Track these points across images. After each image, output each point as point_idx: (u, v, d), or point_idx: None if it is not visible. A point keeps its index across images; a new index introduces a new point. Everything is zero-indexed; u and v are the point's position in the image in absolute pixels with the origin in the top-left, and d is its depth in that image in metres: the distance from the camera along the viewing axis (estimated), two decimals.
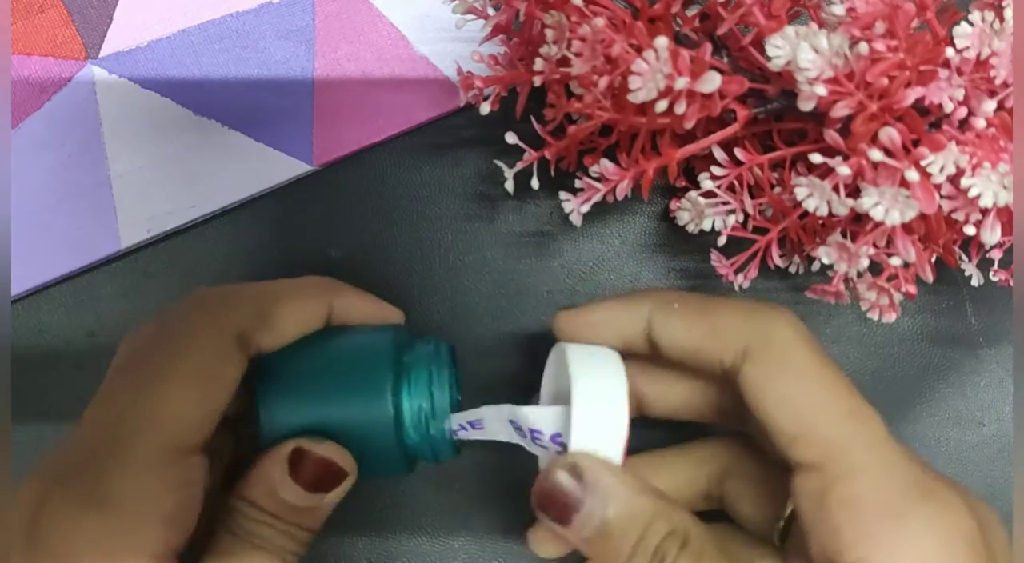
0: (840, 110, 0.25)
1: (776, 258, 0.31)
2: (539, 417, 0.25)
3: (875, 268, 0.28)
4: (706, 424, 0.29)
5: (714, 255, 0.32)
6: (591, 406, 0.24)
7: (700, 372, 0.26)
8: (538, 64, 0.28)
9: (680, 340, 0.25)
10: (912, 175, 0.24)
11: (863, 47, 0.24)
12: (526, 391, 0.31)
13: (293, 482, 0.24)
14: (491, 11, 0.30)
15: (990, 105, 0.25)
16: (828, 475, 0.22)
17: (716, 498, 0.29)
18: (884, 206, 0.25)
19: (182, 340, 0.24)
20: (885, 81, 0.25)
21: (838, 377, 0.23)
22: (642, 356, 0.27)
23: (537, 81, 0.29)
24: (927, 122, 0.26)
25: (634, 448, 0.26)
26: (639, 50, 0.26)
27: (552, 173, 0.32)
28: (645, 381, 0.28)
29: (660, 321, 0.26)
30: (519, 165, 0.31)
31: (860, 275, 0.28)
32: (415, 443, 0.26)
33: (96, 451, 0.22)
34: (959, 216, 0.26)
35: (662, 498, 0.24)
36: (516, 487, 0.30)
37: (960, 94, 0.26)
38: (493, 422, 0.26)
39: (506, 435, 0.26)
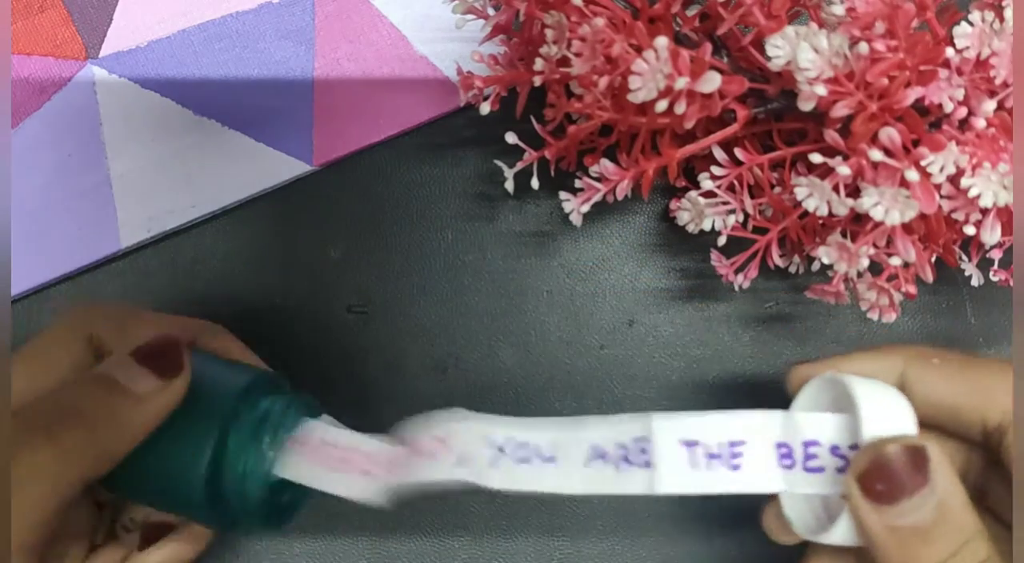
0: (840, 110, 0.25)
1: (776, 258, 0.31)
2: (817, 424, 0.23)
3: (875, 268, 0.28)
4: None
5: (714, 255, 0.32)
6: (880, 408, 0.23)
7: (952, 434, 0.25)
8: (538, 64, 0.28)
9: (939, 396, 0.24)
10: (912, 175, 0.24)
11: (863, 47, 0.24)
12: (526, 390, 0.31)
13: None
14: (491, 11, 0.30)
15: (990, 105, 0.25)
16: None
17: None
18: (884, 206, 0.25)
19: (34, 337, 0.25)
20: (885, 81, 0.25)
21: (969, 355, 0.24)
22: None
23: (537, 81, 0.29)
24: (927, 122, 0.26)
25: None
26: (639, 50, 0.26)
27: (552, 173, 0.32)
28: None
29: (916, 376, 0.24)
30: (519, 165, 0.31)
31: (860, 275, 0.28)
32: (221, 502, 0.24)
33: None
34: (959, 216, 0.26)
35: (978, 518, 0.22)
36: None
37: (960, 94, 0.26)
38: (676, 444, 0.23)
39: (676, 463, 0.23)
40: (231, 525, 0.25)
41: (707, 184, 0.30)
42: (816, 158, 0.26)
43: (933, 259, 0.29)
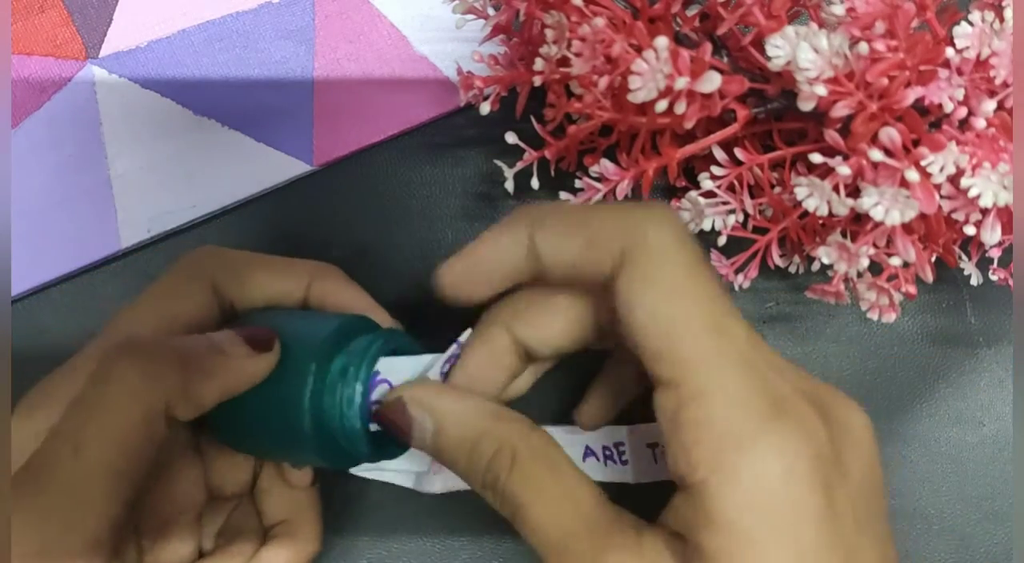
0: (840, 110, 0.25)
1: (776, 258, 0.31)
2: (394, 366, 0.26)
3: (875, 268, 0.28)
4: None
5: (714, 255, 0.32)
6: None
7: (581, 294, 0.25)
8: (538, 64, 0.28)
9: (560, 254, 0.24)
10: (912, 175, 0.24)
11: (863, 47, 0.24)
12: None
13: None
14: (491, 11, 0.30)
15: (990, 105, 0.25)
16: (682, 394, 0.21)
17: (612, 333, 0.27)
18: (884, 206, 0.25)
19: (155, 282, 0.27)
20: (885, 81, 0.25)
21: (708, 285, 0.22)
22: (527, 291, 0.26)
23: (537, 81, 0.29)
24: (927, 122, 0.26)
25: None
26: (639, 50, 0.26)
27: (552, 173, 0.32)
28: (521, 326, 0.26)
29: (540, 239, 0.24)
30: (519, 165, 0.31)
31: (860, 275, 0.28)
32: (327, 437, 0.26)
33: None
34: (959, 216, 0.26)
35: (492, 415, 0.24)
36: None
37: (960, 94, 0.26)
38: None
39: None
40: (339, 458, 0.27)
41: (707, 184, 0.30)
42: (816, 158, 0.26)
43: (933, 259, 0.29)
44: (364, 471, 0.29)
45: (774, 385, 0.22)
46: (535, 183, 0.31)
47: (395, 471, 0.29)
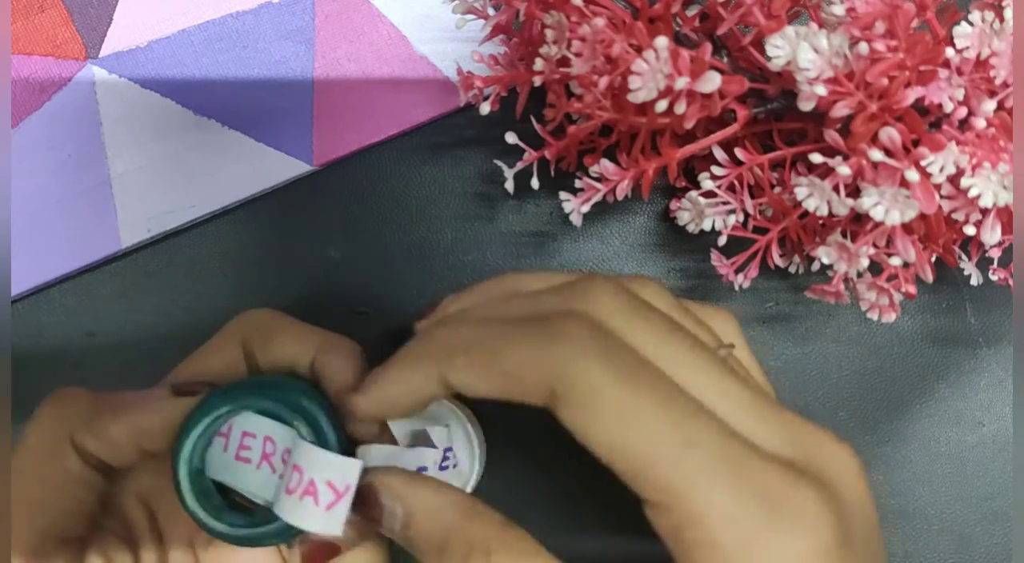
0: (840, 110, 0.25)
1: (776, 258, 0.31)
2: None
3: (875, 268, 0.28)
4: None
5: (714, 255, 0.32)
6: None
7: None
8: (538, 64, 0.28)
9: (483, 392, 0.23)
10: (912, 175, 0.24)
11: (863, 47, 0.24)
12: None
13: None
14: (491, 11, 0.30)
15: (990, 105, 0.25)
16: (676, 517, 0.21)
17: None
18: (884, 206, 0.25)
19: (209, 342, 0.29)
20: (885, 81, 0.25)
21: (655, 397, 0.21)
22: None
23: (537, 81, 0.29)
24: (927, 122, 0.26)
25: None
26: (639, 50, 0.26)
27: (552, 173, 0.32)
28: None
29: (455, 380, 0.23)
30: (519, 165, 0.31)
31: (860, 275, 0.28)
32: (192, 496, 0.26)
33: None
34: (959, 216, 0.26)
35: (464, 512, 0.23)
36: (518, 487, 0.30)
37: (960, 94, 0.26)
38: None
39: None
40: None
41: (707, 184, 0.30)
42: (816, 158, 0.26)
43: (933, 259, 0.29)
44: None
45: (763, 478, 0.21)
46: (535, 183, 0.31)
47: None
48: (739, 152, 0.29)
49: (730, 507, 0.21)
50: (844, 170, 0.25)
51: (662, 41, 0.25)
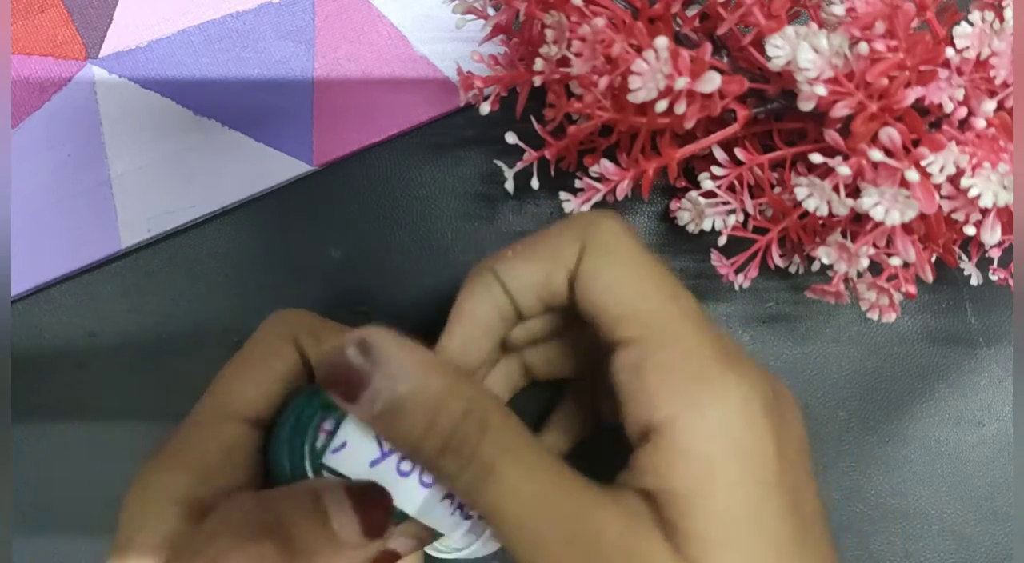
0: (840, 110, 0.25)
1: (776, 258, 0.31)
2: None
3: (875, 268, 0.28)
4: None
5: (714, 255, 0.32)
6: None
7: (566, 324, 0.27)
8: (538, 64, 0.28)
9: (527, 276, 0.25)
10: (912, 175, 0.24)
11: (863, 47, 0.24)
12: (527, 390, 0.31)
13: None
14: (491, 11, 0.30)
15: (990, 105, 0.25)
16: (646, 346, 0.23)
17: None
18: (884, 206, 0.25)
19: (247, 343, 0.27)
20: (885, 81, 0.25)
21: (660, 264, 0.25)
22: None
23: (537, 81, 0.29)
24: (927, 122, 0.26)
25: None
26: (639, 50, 0.26)
27: (552, 173, 0.32)
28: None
29: (504, 272, 0.25)
30: (519, 165, 0.31)
31: (860, 275, 0.28)
32: None
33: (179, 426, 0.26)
34: (959, 216, 0.26)
35: (463, 379, 0.23)
36: None
37: (960, 94, 0.26)
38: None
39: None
40: None
41: (707, 184, 0.30)
42: (816, 158, 0.26)
43: (933, 259, 0.29)
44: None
45: (725, 342, 0.24)
46: (535, 183, 0.31)
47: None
48: (739, 152, 0.29)
49: (695, 343, 0.23)
50: (844, 170, 0.25)
51: (662, 41, 0.25)
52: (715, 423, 0.22)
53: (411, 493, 0.24)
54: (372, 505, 0.23)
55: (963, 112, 0.26)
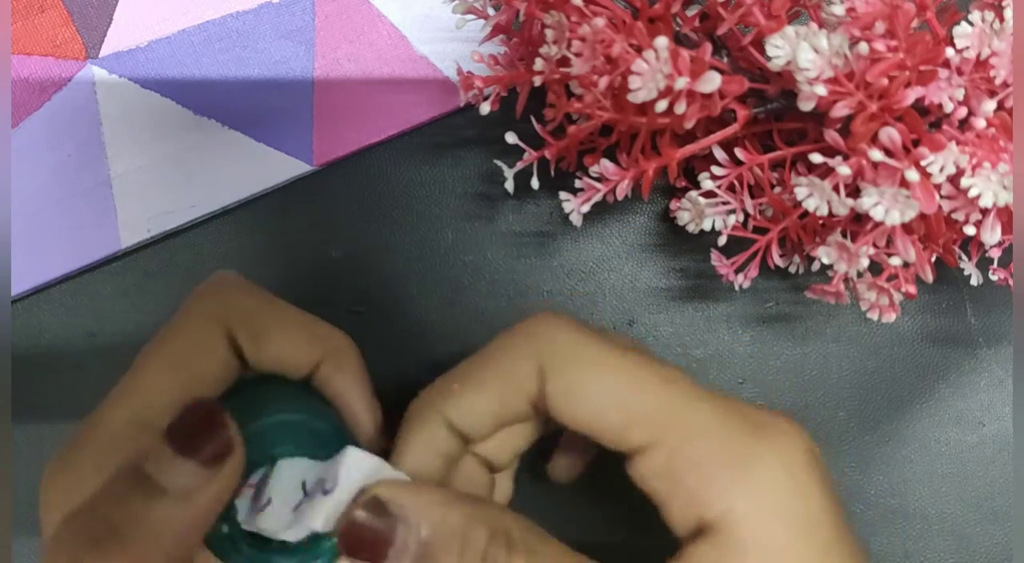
0: (840, 110, 0.25)
1: (776, 258, 0.31)
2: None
3: (875, 268, 0.28)
4: None
5: (714, 255, 0.32)
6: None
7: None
8: (538, 64, 0.28)
9: (488, 413, 0.24)
10: (912, 175, 0.24)
11: (863, 47, 0.24)
12: None
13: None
14: (491, 11, 0.30)
15: (990, 105, 0.25)
16: (669, 446, 0.22)
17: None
18: (884, 206, 0.25)
19: (171, 326, 0.25)
20: (885, 81, 0.25)
21: (628, 352, 0.24)
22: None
23: (537, 81, 0.29)
24: (927, 122, 0.26)
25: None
26: (639, 50, 0.26)
27: (552, 173, 0.32)
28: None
29: (456, 414, 0.24)
30: (519, 165, 0.31)
31: (860, 275, 0.28)
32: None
33: (85, 421, 0.23)
34: (959, 216, 0.26)
35: (474, 502, 0.23)
36: (518, 488, 0.30)
37: (960, 94, 0.26)
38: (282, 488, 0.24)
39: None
40: None
41: (707, 184, 0.30)
42: (816, 158, 0.26)
43: (933, 259, 0.29)
44: None
45: (738, 407, 0.23)
46: (535, 183, 0.31)
47: None
48: (739, 152, 0.29)
49: (719, 426, 0.22)
50: (844, 170, 0.25)
51: (662, 41, 0.25)
52: (772, 503, 0.21)
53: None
54: (197, 434, 0.21)
55: (963, 112, 0.26)
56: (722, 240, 0.30)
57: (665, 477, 0.22)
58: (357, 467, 0.23)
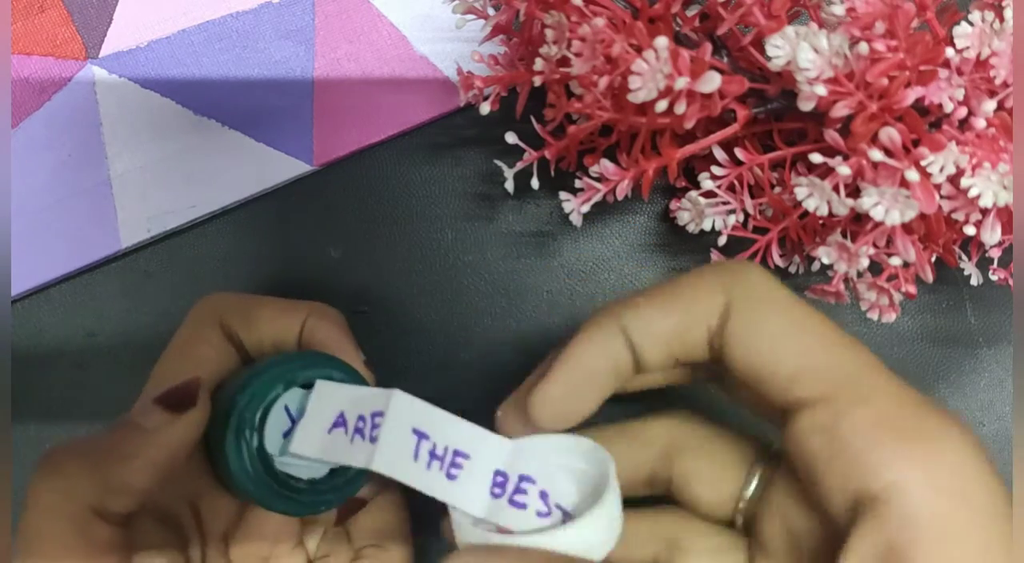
0: (840, 110, 0.25)
1: (776, 258, 0.31)
2: (538, 464, 0.23)
3: (875, 268, 0.28)
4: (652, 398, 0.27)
5: (714, 255, 0.32)
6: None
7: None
8: (538, 64, 0.28)
9: (659, 330, 0.23)
10: (912, 175, 0.24)
11: (863, 47, 0.24)
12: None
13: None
14: (491, 11, 0.30)
15: (990, 105, 0.25)
16: (841, 404, 0.21)
17: (663, 481, 0.27)
18: (884, 206, 0.25)
19: (175, 334, 0.28)
20: (885, 81, 0.25)
21: (822, 315, 0.23)
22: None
23: (537, 81, 0.29)
24: (927, 122, 0.26)
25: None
26: (639, 50, 0.26)
27: (552, 173, 0.32)
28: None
29: (637, 329, 0.23)
30: (519, 165, 0.31)
31: (860, 275, 0.28)
32: (257, 486, 0.25)
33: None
34: (959, 216, 0.26)
35: None
36: None
37: (960, 94, 0.26)
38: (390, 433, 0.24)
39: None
40: (292, 504, 0.26)
41: (707, 184, 0.30)
42: (816, 158, 0.26)
43: (933, 259, 0.29)
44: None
45: (913, 391, 0.22)
46: (535, 183, 0.31)
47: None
48: (739, 152, 0.29)
49: (896, 393, 0.21)
50: (844, 170, 0.25)
51: (662, 41, 0.25)
52: (951, 483, 0.20)
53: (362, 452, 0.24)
54: (173, 395, 0.25)
55: (963, 112, 0.26)
56: (722, 240, 0.30)
57: (827, 437, 0.21)
58: (407, 410, 0.24)
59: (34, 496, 0.23)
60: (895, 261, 0.27)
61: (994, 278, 0.31)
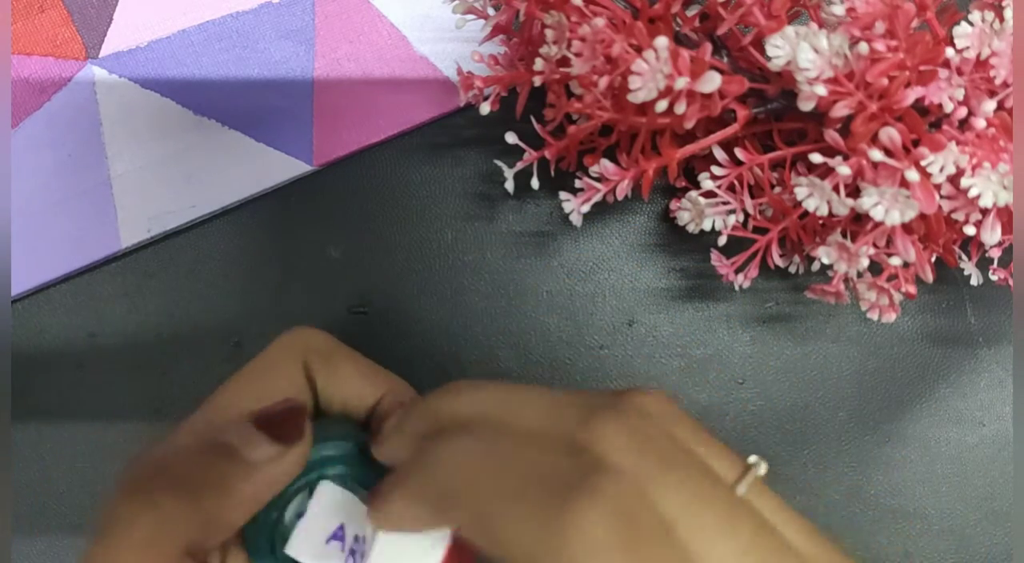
0: (840, 110, 0.25)
1: (776, 258, 0.31)
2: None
3: (875, 268, 0.28)
4: None
5: (714, 255, 0.32)
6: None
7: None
8: (538, 64, 0.28)
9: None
10: (912, 175, 0.24)
11: (863, 47, 0.24)
12: None
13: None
14: (491, 11, 0.30)
15: (990, 105, 0.25)
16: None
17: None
18: (884, 206, 0.25)
19: (255, 358, 0.26)
20: (885, 81, 0.25)
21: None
22: None
23: (537, 81, 0.29)
24: (927, 122, 0.26)
25: None
26: (639, 50, 0.26)
27: (552, 173, 0.32)
28: None
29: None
30: (519, 165, 0.31)
31: (860, 275, 0.28)
32: None
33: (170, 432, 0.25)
34: (959, 216, 0.26)
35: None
36: None
37: (960, 94, 0.26)
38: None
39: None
40: None
41: (707, 184, 0.30)
42: (816, 158, 0.26)
43: (933, 259, 0.29)
44: None
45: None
46: (535, 183, 0.31)
47: None
48: (739, 152, 0.29)
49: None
50: (844, 170, 0.25)
51: (662, 41, 0.25)
52: None
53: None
54: (278, 420, 0.23)
55: (963, 112, 0.26)
56: (722, 240, 0.30)
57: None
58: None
59: (126, 527, 0.21)
60: (895, 261, 0.27)
61: (994, 278, 0.31)
